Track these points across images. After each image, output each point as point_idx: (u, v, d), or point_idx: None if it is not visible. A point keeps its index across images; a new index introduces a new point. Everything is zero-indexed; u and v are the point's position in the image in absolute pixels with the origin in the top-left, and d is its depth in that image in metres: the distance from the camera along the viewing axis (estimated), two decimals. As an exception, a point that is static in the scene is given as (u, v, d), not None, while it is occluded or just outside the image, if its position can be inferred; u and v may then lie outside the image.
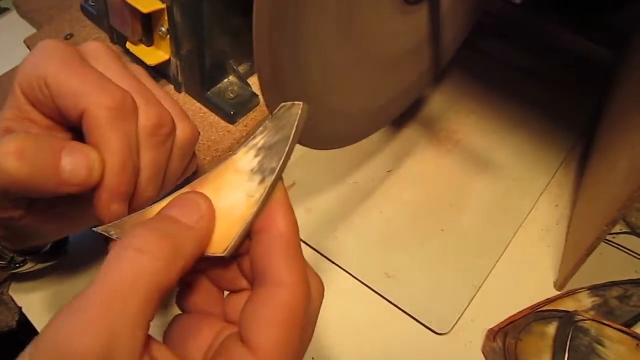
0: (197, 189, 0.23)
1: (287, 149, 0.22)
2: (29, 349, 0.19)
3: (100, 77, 0.26)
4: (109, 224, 0.24)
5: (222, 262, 0.23)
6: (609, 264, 0.40)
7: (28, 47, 0.49)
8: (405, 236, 0.41)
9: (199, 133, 0.31)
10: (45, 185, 0.24)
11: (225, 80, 0.44)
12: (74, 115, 0.26)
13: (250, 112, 0.43)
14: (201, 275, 0.24)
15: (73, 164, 0.24)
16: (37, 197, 0.26)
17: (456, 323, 0.37)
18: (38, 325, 0.39)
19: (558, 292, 0.39)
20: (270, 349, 0.20)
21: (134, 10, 0.39)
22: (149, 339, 0.19)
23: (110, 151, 0.25)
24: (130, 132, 0.26)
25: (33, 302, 0.40)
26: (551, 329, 0.34)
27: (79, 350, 0.18)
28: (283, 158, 0.22)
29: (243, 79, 0.44)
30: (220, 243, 0.22)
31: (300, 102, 0.23)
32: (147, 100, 0.27)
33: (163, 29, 0.40)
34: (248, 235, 0.22)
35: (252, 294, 0.21)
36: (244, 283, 0.24)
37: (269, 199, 0.22)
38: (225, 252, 0.22)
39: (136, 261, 0.19)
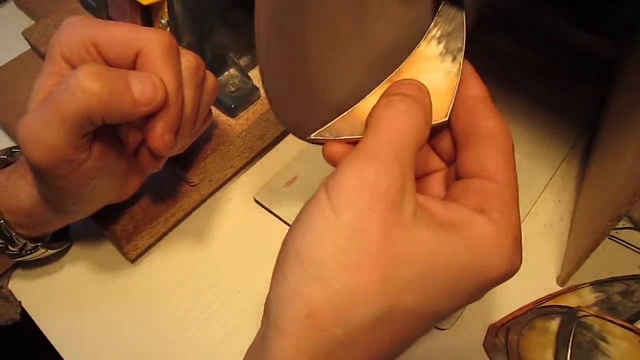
0: (397, 79, 0.27)
1: (465, 31, 0.27)
2: (326, 185, 0.22)
3: (141, 26, 0.30)
4: (321, 130, 0.27)
5: (435, 132, 0.27)
6: (611, 260, 0.39)
7: (26, 39, 0.48)
8: (407, 231, 0.41)
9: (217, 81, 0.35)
10: (123, 104, 0.27)
11: (226, 73, 0.43)
12: (129, 58, 0.29)
13: (252, 106, 0.42)
14: None
15: (141, 84, 0.27)
16: (114, 121, 0.28)
17: (458, 318, 0.37)
18: (38, 319, 0.38)
19: (560, 288, 0.38)
20: (507, 175, 0.24)
21: (134, 2, 0.38)
22: None
23: (166, 82, 0.28)
24: (179, 69, 0.30)
25: (33, 296, 0.40)
26: (554, 324, 0.34)
27: (386, 184, 0.21)
28: (465, 38, 0.27)
29: (244, 72, 0.43)
30: (438, 114, 0.26)
31: None
32: (181, 48, 0.31)
33: (163, 21, 0.40)
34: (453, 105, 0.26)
35: (467, 147, 0.25)
36: (436, 164, 0.28)
37: (462, 72, 0.26)
38: (447, 116, 0.26)
39: (406, 118, 0.23)
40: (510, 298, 0.37)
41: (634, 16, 0.50)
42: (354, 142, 0.26)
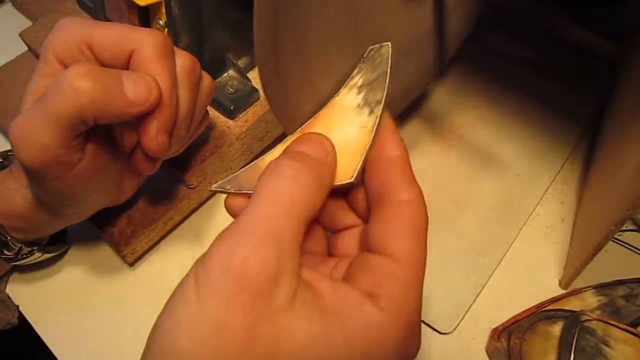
0: (308, 130, 0.25)
1: (387, 82, 0.25)
2: (195, 268, 0.20)
3: (135, 26, 0.30)
4: (224, 181, 0.25)
5: (341, 195, 0.26)
6: (615, 262, 0.39)
7: (24, 41, 0.48)
8: (408, 234, 0.41)
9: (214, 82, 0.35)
10: (115, 104, 0.27)
11: (225, 74, 0.43)
12: (122, 58, 0.29)
13: (251, 108, 0.42)
14: None
15: (134, 84, 0.27)
16: (107, 121, 0.28)
17: (460, 322, 0.37)
18: (36, 324, 0.38)
19: (563, 291, 0.38)
20: (409, 254, 0.22)
21: (131, 3, 0.38)
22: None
23: (160, 82, 0.28)
24: (173, 69, 0.29)
25: (30, 300, 0.39)
26: (556, 329, 0.34)
27: (254, 270, 0.19)
28: (386, 89, 0.25)
29: (243, 73, 0.43)
30: (345, 173, 0.24)
31: (388, 42, 0.26)
32: (176, 48, 0.31)
33: (161, 22, 0.39)
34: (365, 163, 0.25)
35: (375, 216, 0.23)
36: (351, 220, 0.26)
37: (380, 127, 0.24)
38: (353, 178, 0.24)
39: (290, 189, 0.21)
40: (512, 301, 0.37)
41: (635, 14, 0.49)
42: None
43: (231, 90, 0.42)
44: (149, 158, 0.31)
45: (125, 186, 0.35)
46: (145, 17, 0.40)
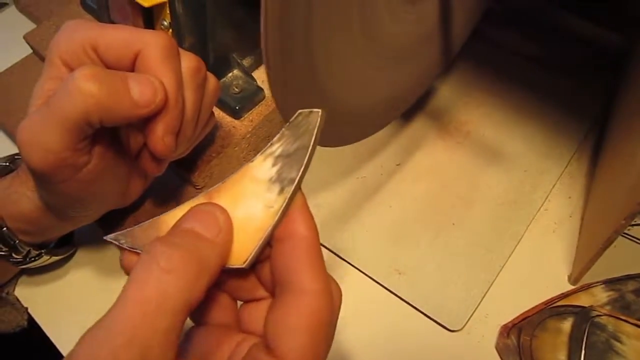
0: (214, 197, 0.23)
1: (306, 158, 0.22)
2: None
3: (139, 28, 0.30)
4: (120, 233, 0.23)
5: (240, 273, 0.23)
6: (624, 257, 0.39)
7: (28, 43, 0.48)
8: (416, 231, 0.41)
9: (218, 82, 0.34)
10: (122, 106, 0.27)
11: (230, 74, 0.43)
12: (128, 60, 0.29)
13: (256, 107, 0.42)
14: (215, 288, 0.24)
15: (140, 86, 0.27)
16: (113, 123, 0.27)
17: (469, 319, 0.37)
18: (45, 326, 0.38)
19: (572, 287, 0.38)
20: (298, 355, 0.19)
21: (135, 4, 0.38)
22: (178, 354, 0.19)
23: (165, 84, 0.28)
24: (178, 70, 0.29)
25: (39, 302, 0.39)
26: (567, 325, 0.33)
27: None
28: (303, 168, 0.22)
29: (248, 72, 0.43)
30: (239, 254, 0.21)
31: (319, 110, 0.22)
32: (181, 49, 0.30)
33: (165, 23, 0.39)
34: (268, 243, 0.22)
35: (276, 302, 0.21)
36: (261, 292, 0.24)
37: (289, 208, 0.22)
38: (245, 264, 0.21)
39: (163, 281, 0.19)
40: (521, 297, 0.37)
41: (638, 6, 0.49)
42: None
43: (236, 90, 0.42)
44: (155, 159, 0.31)
45: (132, 188, 0.35)
46: (149, 19, 0.40)
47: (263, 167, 0.22)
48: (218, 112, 0.42)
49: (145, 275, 0.19)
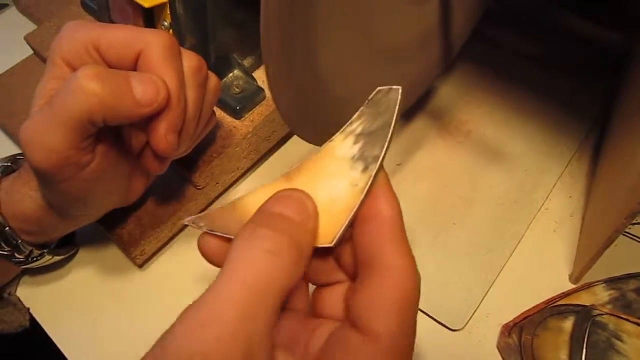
0: (294, 177, 0.23)
1: (389, 135, 0.21)
2: (153, 352, 0.18)
3: (141, 28, 0.30)
4: (197, 216, 0.23)
5: (322, 254, 0.23)
6: (625, 256, 0.39)
7: (29, 45, 0.48)
8: (416, 231, 0.41)
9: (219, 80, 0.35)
10: (125, 105, 0.27)
11: (231, 74, 0.43)
12: (130, 60, 0.29)
13: (257, 108, 0.42)
14: None
15: (142, 85, 0.27)
16: (116, 122, 0.28)
17: (470, 319, 0.37)
18: (47, 326, 0.38)
19: (574, 286, 0.38)
20: (393, 334, 0.19)
21: (136, 5, 0.38)
22: None
23: (168, 83, 0.28)
24: (180, 69, 0.30)
25: (41, 302, 0.39)
26: (568, 324, 0.33)
27: None
28: (386, 145, 0.21)
29: (249, 73, 0.43)
30: (325, 234, 0.21)
31: (399, 87, 0.22)
32: (183, 49, 0.31)
33: (166, 23, 0.39)
34: (351, 224, 0.22)
35: (362, 283, 0.21)
36: (338, 276, 0.24)
37: (373, 186, 0.21)
38: (334, 243, 0.21)
39: (270, 263, 0.19)
40: (522, 297, 0.37)
41: (638, 5, 0.49)
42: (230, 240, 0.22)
43: (237, 90, 0.42)
44: (158, 158, 0.31)
45: (134, 187, 0.35)
46: (150, 19, 0.40)
47: (344, 146, 0.22)
48: (219, 113, 0.42)
49: (250, 255, 0.19)
